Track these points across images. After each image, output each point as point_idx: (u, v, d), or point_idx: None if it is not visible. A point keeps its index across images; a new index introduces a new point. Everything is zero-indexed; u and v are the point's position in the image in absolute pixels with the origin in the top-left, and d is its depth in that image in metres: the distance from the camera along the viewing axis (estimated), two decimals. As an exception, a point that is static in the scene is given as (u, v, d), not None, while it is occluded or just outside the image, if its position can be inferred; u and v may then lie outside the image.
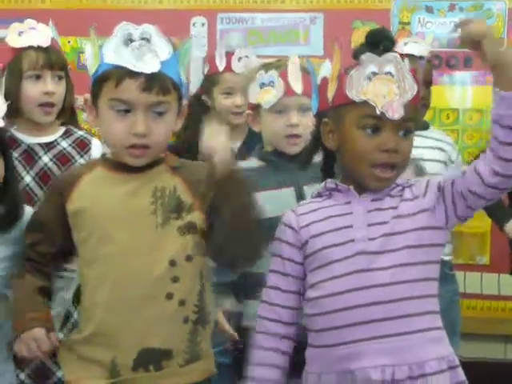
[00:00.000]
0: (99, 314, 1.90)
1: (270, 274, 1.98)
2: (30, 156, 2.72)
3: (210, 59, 3.36)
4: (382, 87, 1.82)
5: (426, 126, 3.29)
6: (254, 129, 2.59)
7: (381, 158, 1.84)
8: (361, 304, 1.82)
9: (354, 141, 1.87)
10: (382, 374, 1.80)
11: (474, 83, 3.94)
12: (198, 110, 3.30)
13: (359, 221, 1.87)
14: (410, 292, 1.83)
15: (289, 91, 2.43)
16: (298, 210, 1.97)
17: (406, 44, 3.16)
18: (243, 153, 2.85)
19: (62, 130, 2.79)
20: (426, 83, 3.19)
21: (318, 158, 2.48)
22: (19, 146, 2.72)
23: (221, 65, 3.27)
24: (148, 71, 1.85)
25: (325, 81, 1.96)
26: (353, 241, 1.86)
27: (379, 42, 1.86)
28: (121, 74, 1.85)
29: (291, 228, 1.96)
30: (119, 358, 1.89)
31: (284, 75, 2.44)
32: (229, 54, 3.27)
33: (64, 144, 2.75)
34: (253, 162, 2.53)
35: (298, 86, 2.43)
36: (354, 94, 1.85)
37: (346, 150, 1.91)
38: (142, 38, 1.86)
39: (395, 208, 1.87)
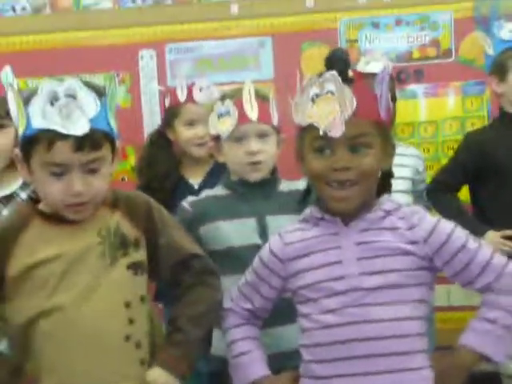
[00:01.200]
0: (57, 362, 1.86)
1: (244, 280, 2.03)
2: None
3: (171, 91, 3.33)
4: (325, 107, 1.82)
5: None
6: (218, 159, 2.58)
7: (333, 177, 1.84)
8: (354, 339, 1.81)
9: (310, 163, 1.87)
10: None
11: (425, 96, 3.95)
12: (161, 144, 3.28)
13: (348, 256, 1.86)
14: (407, 329, 1.82)
15: (243, 119, 2.42)
16: (285, 238, 1.96)
17: (367, 63, 3.16)
18: (207, 184, 2.85)
19: (21, 179, 2.70)
20: (391, 99, 3.20)
21: (284, 186, 2.49)
22: None
23: (182, 96, 3.24)
24: (78, 133, 1.80)
25: None
26: (343, 277, 1.84)
27: (334, 65, 1.86)
28: (51, 137, 1.80)
29: (277, 258, 1.96)
30: None
31: (239, 103, 2.43)
32: (189, 86, 3.25)
33: (23, 195, 2.69)
34: (219, 191, 2.53)
35: (252, 113, 2.42)
36: (300, 118, 1.86)
37: (307, 175, 1.92)
38: (67, 95, 1.81)
39: (386, 242, 1.85)
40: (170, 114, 3.29)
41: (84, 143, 1.81)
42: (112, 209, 1.94)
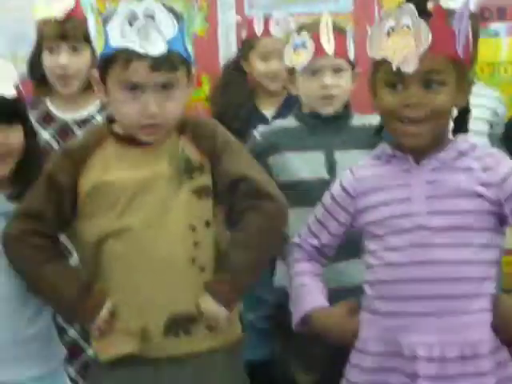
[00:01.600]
0: (124, 282, 1.89)
1: (314, 216, 2.02)
2: (65, 133, 2.72)
3: (248, 23, 3.31)
4: (400, 41, 1.79)
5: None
6: (292, 92, 2.57)
7: (405, 113, 1.81)
8: (417, 279, 1.80)
9: (382, 98, 1.85)
10: (429, 351, 1.78)
11: (508, 34, 3.85)
12: (235, 75, 3.27)
13: (417, 194, 1.84)
14: (469, 272, 1.80)
15: (319, 52, 2.40)
16: (356, 173, 1.95)
17: None
18: (280, 116, 2.85)
19: (97, 101, 2.72)
20: (473, 37, 3.11)
21: (356, 121, 2.46)
22: (54, 122, 2.72)
23: (258, 29, 3.21)
24: (155, 53, 1.82)
25: None
26: (411, 215, 1.83)
27: None
28: (128, 56, 1.82)
29: (347, 193, 1.95)
30: (150, 325, 1.88)
31: (315, 36, 2.41)
32: (266, 18, 3.22)
33: (99, 118, 2.72)
34: (290, 122, 2.52)
35: (329, 47, 2.40)
36: (374, 52, 1.84)
37: (379, 110, 1.90)
38: (146, 16, 1.83)
39: (457, 182, 1.83)
40: (246, 46, 3.27)
41: (160, 64, 1.83)
42: (179, 133, 1.94)
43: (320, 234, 2.01)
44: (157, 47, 1.83)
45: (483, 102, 3.16)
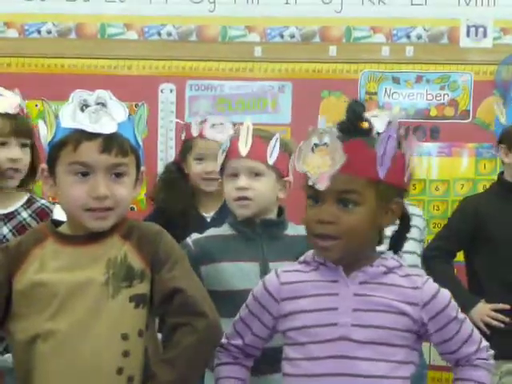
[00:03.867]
0: None
1: (238, 316, 2.01)
2: None
3: (186, 126, 3.37)
4: (319, 158, 1.84)
5: None
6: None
7: (317, 229, 1.85)
8: None
9: (305, 211, 1.90)
10: None
11: (439, 154, 3.97)
12: (178, 174, 3.30)
13: (345, 305, 1.86)
14: None
15: (233, 154, 2.45)
16: (282, 277, 1.95)
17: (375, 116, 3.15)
18: (217, 221, 2.86)
19: (25, 198, 2.78)
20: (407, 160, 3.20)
21: (291, 230, 2.48)
22: None
23: (195, 131, 3.27)
24: (106, 132, 1.84)
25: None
26: (336, 324, 1.84)
27: (347, 116, 1.88)
28: (78, 137, 1.85)
29: (271, 296, 1.94)
30: None
31: (235, 140, 2.47)
32: (202, 121, 3.28)
33: (24, 214, 2.74)
34: (224, 229, 2.53)
35: (244, 149, 2.44)
36: (298, 165, 1.88)
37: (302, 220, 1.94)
38: (98, 103, 1.86)
39: (384, 298, 1.85)
40: (185, 148, 3.33)
41: (111, 145, 1.85)
42: (123, 239, 1.92)
43: (244, 334, 2.00)
44: (107, 127, 1.85)
45: (416, 222, 3.23)
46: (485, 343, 1.95)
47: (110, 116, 1.86)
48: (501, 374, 3.16)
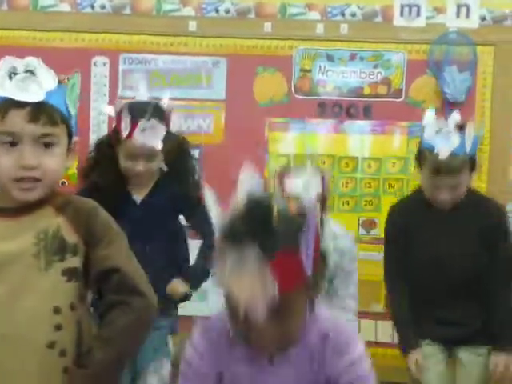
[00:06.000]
0: None
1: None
2: None
3: (117, 118, 3.23)
4: (246, 283, 1.59)
5: None
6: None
7: None
8: None
9: None
10: None
11: (372, 132, 4.01)
12: (108, 153, 3.22)
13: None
14: None
15: None
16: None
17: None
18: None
19: None
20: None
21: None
22: None
23: (124, 131, 3.14)
24: (33, 100, 1.80)
25: None
26: None
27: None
28: (5, 105, 1.80)
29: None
30: None
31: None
32: (133, 123, 3.13)
33: None
34: None
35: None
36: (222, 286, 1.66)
37: None
38: (26, 71, 1.82)
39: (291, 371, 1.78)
40: (114, 137, 3.19)
41: (38, 114, 1.80)
42: (57, 212, 1.89)
43: None
44: (35, 95, 1.80)
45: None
46: None
47: (38, 84, 1.82)
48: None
